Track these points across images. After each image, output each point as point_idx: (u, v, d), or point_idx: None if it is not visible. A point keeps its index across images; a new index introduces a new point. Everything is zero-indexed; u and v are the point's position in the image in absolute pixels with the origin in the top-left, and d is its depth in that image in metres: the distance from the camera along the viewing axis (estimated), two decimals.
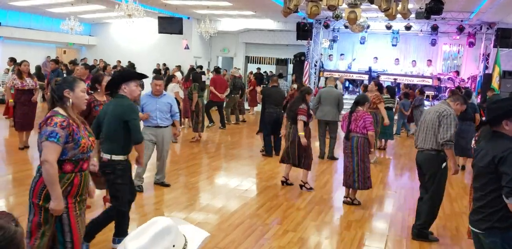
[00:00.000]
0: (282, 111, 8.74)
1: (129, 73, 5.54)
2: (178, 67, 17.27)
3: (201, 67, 17.53)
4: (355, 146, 5.94)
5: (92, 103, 4.85)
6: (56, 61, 11.68)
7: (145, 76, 4.36)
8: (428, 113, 4.86)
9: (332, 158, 8.88)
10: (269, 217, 5.35)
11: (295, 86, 10.33)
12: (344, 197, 6.14)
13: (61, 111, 2.96)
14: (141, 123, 5.08)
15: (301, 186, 6.65)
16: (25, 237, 1.45)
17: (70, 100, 3.00)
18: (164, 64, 19.79)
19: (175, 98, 8.36)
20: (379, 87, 9.63)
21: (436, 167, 4.74)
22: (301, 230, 4.98)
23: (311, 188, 6.65)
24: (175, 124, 6.29)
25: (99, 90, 5.00)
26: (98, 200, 5.36)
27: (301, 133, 6.45)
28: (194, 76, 10.35)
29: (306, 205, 5.92)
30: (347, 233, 4.99)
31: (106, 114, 4.07)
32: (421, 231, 4.88)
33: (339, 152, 8.69)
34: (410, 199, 6.49)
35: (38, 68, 13.81)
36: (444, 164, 4.73)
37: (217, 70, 13.10)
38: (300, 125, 6.46)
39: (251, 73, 18.46)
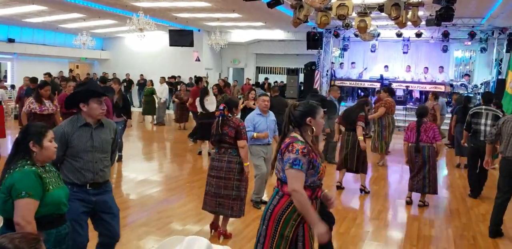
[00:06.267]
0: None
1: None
2: (163, 79, 16.01)
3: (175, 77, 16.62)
4: (426, 155, 6.24)
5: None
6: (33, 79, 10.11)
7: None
8: None
9: (332, 162, 8.97)
10: None
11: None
12: (407, 197, 6.56)
13: (299, 137, 2.87)
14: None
15: (361, 190, 7.01)
16: None
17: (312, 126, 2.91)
18: (173, 76, 19.27)
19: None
20: (390, 92, 9.68)
21: None
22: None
23: (369, 191, 7.05)
24: (275, 138, 6.10)
25: (235, 114, 4.95)
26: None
27: (361, 137, 6.78)
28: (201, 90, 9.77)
29: None
30: (363, 244, 4.94)
31: None
32: (499, 229, 5.23)
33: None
34: (424, 207, 6.40)
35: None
36: None
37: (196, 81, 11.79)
38: (359, 130, 6.80)
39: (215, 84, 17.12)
